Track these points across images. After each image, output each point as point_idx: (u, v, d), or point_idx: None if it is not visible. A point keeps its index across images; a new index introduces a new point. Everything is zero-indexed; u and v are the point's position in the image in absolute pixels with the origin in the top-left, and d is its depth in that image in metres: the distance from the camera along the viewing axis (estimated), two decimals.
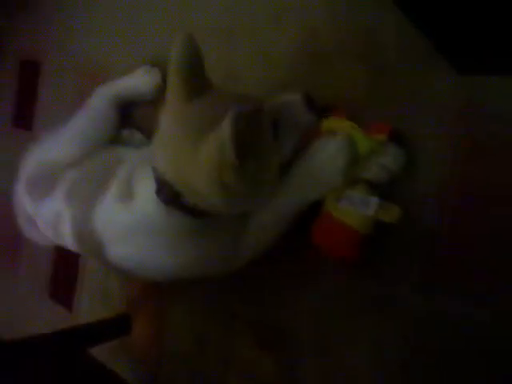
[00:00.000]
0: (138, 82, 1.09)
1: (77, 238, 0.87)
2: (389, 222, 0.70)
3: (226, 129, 0.58)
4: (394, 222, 0.70)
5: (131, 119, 1.12)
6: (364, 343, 0.77)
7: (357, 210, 0.71)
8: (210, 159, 0.61)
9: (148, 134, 1.09)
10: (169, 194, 0.68)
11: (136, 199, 0.74)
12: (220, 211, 0.70)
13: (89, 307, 1.23)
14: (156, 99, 1.07)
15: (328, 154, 0.72)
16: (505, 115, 0.67)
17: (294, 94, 0.72)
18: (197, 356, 1.00)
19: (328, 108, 0.78)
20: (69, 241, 0.89)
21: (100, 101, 1.06)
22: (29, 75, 1.47)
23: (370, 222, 0.71)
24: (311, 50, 0.86)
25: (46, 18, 1.44)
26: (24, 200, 0.99)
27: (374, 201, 0.70)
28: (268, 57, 0.92)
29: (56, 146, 1.01)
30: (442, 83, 0.71)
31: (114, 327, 1.07)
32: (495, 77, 0.66)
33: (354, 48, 0.81)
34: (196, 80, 0.67)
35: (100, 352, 1.00)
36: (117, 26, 1.24)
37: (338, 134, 0.73)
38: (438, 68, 0.71)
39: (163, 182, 0.68)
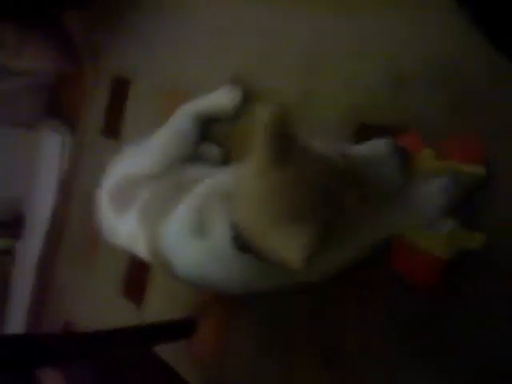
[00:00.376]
0: (220, 100, 1.15)
1: (151, 255, 0.90)
2: (471, 247, 0.70)
3: (292, 255, 0.56)
4: (477, 248, 0.70)
5: (210, 134, 1.18)
6: (434, 370, 0.76)
7: (439, 236, 0.71)
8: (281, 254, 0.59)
9: (226, 149, 1.15)
10: (244, 243, 0.68)
11: (212, 239, 0.74)
12: None
13: (158, 307, 1.27)
14: (235, 117, 1.13)
15: (429, 191, 0.70)
16: None
17: (382, 145, 0.65)
18: (257, 369, 1.01)
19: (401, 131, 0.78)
20: (145, 256, 0.93)
21: (183, 117, 1.12)
22: (119, 90, 1.60)
23: (451, 248, 0.71)
24: (391, 74, 0.88)
25: (139, 38, 1.57)
26: (105, 210, 1.04)
27: (455, 226, 0.70)
28: (346, 76, 0.95)
29: (138, 159, 1.06)
30: None
31: (180, 329, 1.11)
32: None
33: (435, 73, 0.82)
34: (283, 148, 0.60)
35: (165, 352, 1.04)
36: (201, 47, 1.32)
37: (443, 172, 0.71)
38: None
39: (240, 232, 0.67)
